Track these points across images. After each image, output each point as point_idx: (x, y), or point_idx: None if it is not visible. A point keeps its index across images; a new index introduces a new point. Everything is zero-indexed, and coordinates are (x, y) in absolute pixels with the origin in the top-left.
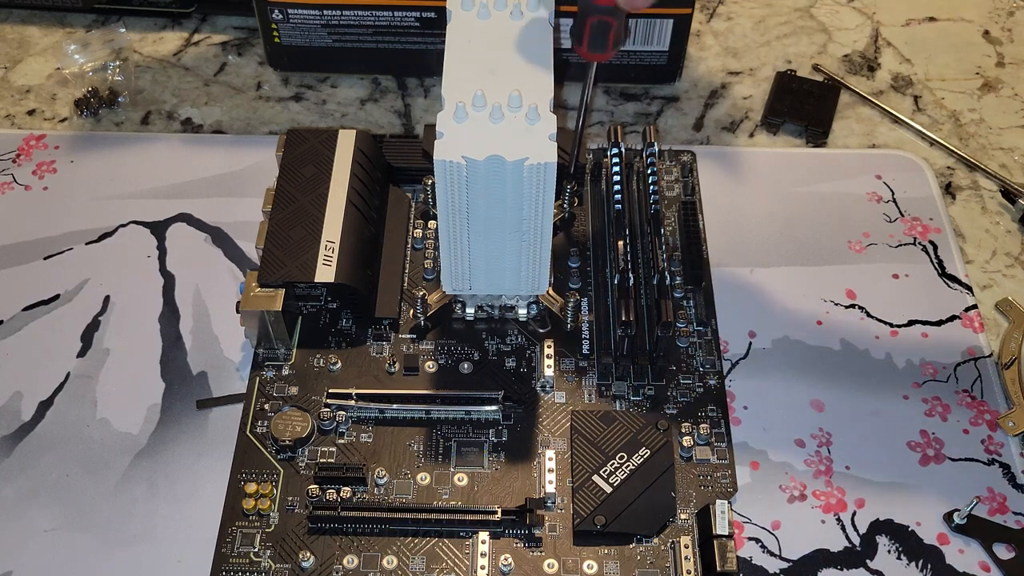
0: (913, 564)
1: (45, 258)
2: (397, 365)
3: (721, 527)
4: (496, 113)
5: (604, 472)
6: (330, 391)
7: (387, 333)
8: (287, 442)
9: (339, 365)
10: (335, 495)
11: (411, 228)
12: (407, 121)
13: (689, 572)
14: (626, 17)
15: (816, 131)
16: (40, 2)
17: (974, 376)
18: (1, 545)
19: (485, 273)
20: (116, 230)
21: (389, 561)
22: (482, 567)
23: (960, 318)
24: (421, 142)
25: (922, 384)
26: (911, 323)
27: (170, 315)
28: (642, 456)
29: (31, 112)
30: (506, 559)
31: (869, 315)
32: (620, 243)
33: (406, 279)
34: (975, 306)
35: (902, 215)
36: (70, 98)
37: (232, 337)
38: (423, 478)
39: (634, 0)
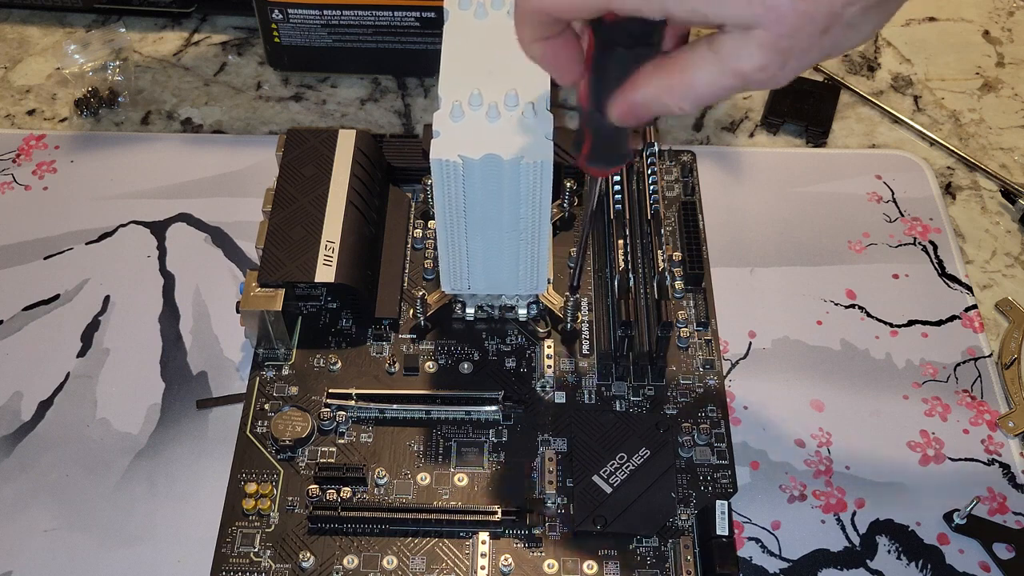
0: (913, 564)
1: (45, 258)
2: (397, 365)
3: (721, 527)
4: (493, 112)
5: (604, 472)
6: (330, 391)
7: (387, 333)
8: (287, 442)
9: (339, 365)
10: (335, 495)
11: (411, 228)
12: (407, 121)
13: (689, 572)
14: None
15: (816, 131)
16: (40, 2)
17: (974, 376)
18: (1, 545)
19: (484, 272)
20: (116, 230)
21: (389, 561)
22: (482, 567)
23: (960, 318)
24: (421, 142)
25: (922, 384)
26: (911, 323)
27: (170, 315)
28: (642, 456)
29: (31, 112)
30: (506, 559)
31: (869, 315)
32: (620, 242)
33: (406, 279)
34: (975, 306)
35: (902, 215)
36: (70, 98)
37: (232, 337)
38: (423, 478)
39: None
